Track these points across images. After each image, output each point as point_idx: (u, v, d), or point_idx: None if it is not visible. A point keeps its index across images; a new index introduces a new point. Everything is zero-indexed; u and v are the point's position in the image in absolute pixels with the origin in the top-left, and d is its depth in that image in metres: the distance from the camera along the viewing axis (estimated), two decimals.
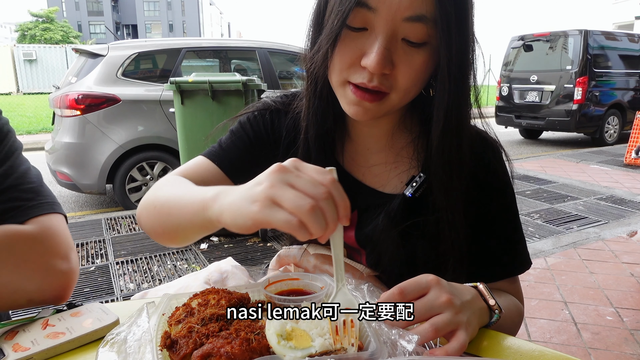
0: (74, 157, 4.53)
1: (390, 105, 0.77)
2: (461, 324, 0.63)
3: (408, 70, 0.73)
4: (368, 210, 0.89)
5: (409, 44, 0.72)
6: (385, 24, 0.70)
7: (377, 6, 0.69)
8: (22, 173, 0.84)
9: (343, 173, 0.91)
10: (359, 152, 0.92)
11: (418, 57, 0.73)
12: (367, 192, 0.90)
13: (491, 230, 0.87)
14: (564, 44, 8.81)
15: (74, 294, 2.90)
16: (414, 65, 0.73)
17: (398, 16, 0.69)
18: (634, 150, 6.76)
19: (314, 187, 0.54)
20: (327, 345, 0.55)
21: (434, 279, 0.66)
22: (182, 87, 3.47)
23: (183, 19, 64.64)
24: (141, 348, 0.56)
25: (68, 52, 24.45)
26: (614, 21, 22.09)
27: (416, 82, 0.75)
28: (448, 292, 0.64)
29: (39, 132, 11.37)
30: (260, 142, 0.95)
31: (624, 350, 2.30)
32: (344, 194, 0.56)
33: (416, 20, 0.69)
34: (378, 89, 0.74)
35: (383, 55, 0.70)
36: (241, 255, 3.55)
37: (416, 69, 0.73)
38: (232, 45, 5.66)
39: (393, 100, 0.76)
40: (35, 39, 40.14)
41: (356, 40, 0.73)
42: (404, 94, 0.76)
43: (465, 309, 0.65)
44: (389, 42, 0.71)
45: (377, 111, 0.77)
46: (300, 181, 0.54)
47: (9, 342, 0.67)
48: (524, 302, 0.92)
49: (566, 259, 3.40)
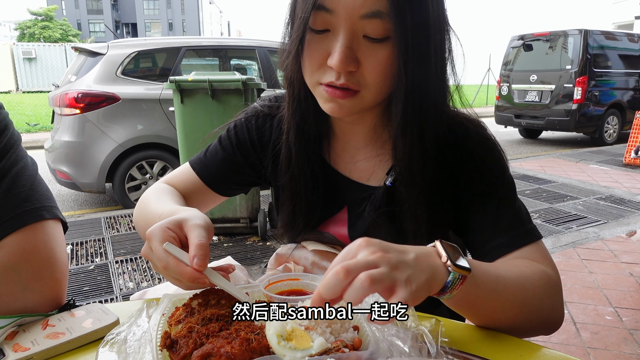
0: (73, 156, 4.53)
1: (363, 101, 0.79)
2: (399, 280, 0.55)
3: (374, 65, 0.74)
4: (356, 204, 0.92)
5: (371, 40, 0.73)
6: (344, 23, 0.72)
7: (334, 8, 0.72)
8: (13, 176, 0.80)
9: (330, 170, 0.94)
10: (344, 149, 0.94)
11: (381, 52, 0.74)
12: (354, 187, 0.92)
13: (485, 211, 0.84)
14: (563, 43, 8.81)
15: (73, 293, 2.90)
16: (379, 60, 0.74)
17: (355, 15, 0.71)
18: (633, 150, 6.76)
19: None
20: (326, 345, 0.55)
21: (361, 240, 0.59)
22: (182, 86, 3.47)
23: (183, 17, 64.55)
24: (141, 348, 0.56)
25: (67, 50, 24.43)
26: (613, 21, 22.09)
27: (384, 77, 0.76)
28: (380, 249, 0.58)
29: (38, 130, 11.37)
30: (244, 150, 0.99)
31: (623, 349, 2.30)
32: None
33: (372, 17, 0.71)
34: (346, 86, 0.75)
35: (345, 54, 0.72)
36: (240, 254, 3.55)
37: (381, 64, 0.74)
38: (232, 44, 5.65)
39: (365, 96, 0.78)
40: (34, 37, 40.10)
41: (321, 42, 0.76)
42: (375, 90, 0.77)
43: (405, 267, 0.57)
44: (350, 41, 0.73)
45: (352, 107, 0.79)
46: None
47: (9, 342, 0.67)
48: (556, 270, 0.81)
49: (565, 258, 3.40)
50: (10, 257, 0.76)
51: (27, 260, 0.77)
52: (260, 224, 3.83)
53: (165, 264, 0.64)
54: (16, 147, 0.83)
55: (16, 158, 0.82)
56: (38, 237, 0.80)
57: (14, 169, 0.81)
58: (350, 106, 0.79)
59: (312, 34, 0.76)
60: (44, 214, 0.81)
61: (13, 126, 0.85)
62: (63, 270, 0.82)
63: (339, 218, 0.94)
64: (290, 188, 0.93)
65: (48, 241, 0.81)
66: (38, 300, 0.77)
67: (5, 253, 0.76)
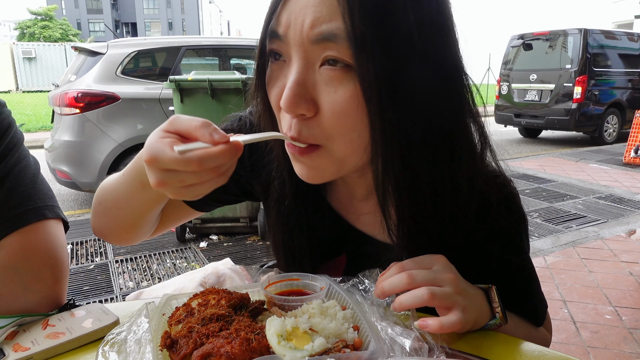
0: (73, 155, 4.53)
1: (333, 158, 0.62)
2: (458, 304, 0.60)
3: (332, 107, 0.58)
4: (359, 257, 0.81)
5: (330, 73, 0.57)
6: (295, 51, 0.58)
7: (284, 32, 0.58)
8: (16, 174, 0.80)
9: (334, 216, 0.81)
10: (347, 199, 0.80)
11: (342, 88, 0.57)
12: (358, 237, 0.80)
13: (499, 281, 0.73)
14: (563, 42, 8.81)
15: (73, 293, 2.90)
16: (339, 99, 0.57)
17: (306, 39, 0.56)
18: (633, 149, 6.76)
19: None
20: (326, 345, 0.55)
21: (441, 257, 0.64)
22: (182, 85, 3.47)
23: (182, 17, 64.50)
24: (141, 348, 0.56)
25: (67, 50, 24.39)
26: (613, 20, 22.08)
27: (350, 122, 0.58)
28: (454, 273, 0.63)
29: (38, 130, 11.36)
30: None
31: (622, 349, 2.30)
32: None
33: (325, 41, 0.55)
34: (298, 140, 0.60)
35: (293, 91, 0.57)
36: (240, 253, 3.55)
37: (342, 104, 0.57)
38: (232, 44, 5.65)
39: (333, 151, 0.61)
40: (34, 37, 40.07)
41: (280, 74, 0.62)
42: (343, 142, 0.60)
43: (467, 296, 0.62)
44: (302, 74, 0.58)
45: (323, 168, 0.63)
46: None
47: (9, 342, 0.67)
48: (551, 332, 0.86)
49: (565, 257, 3.40)
50: (11, 257, 0.76)
51: (28, 260, 0.77)
52: (260, 223, 3.83)
53: (196, 159, 0.50)
54: (19, 145, 0.83)
55: (19, 157, 0.82)
56: (39, 237, 0.79)
57: (17, 167, 0.81)
58: (317, 166, 0.63)
59: (274, 64, 0.63)
60: (46, 213, 0.81)
61: (16, 125, 0.85)
62: (64, 270, 0.82)
63: (335, 265, 0.84)
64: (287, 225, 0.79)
65: (49, 241, 0.80)
66: (38, 301, 0.77)
67: (6, 253, 0.76)
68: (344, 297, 0.66)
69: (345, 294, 0.66)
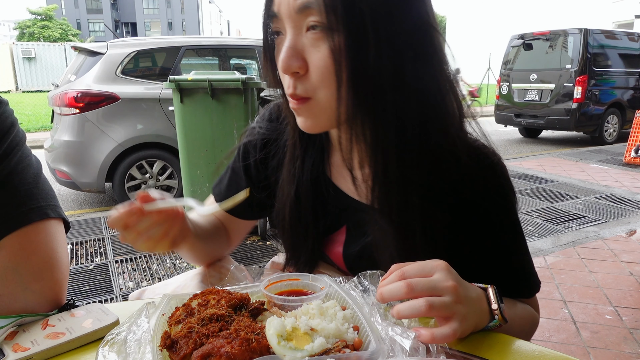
0: (73, 156, 4.52)
1: (319, 107, 0.73)
2: (458, 314, 0.61)
3: (316, 63, 0.69)
4: (355, 226, 0.86)
5: (314, 35, 0.69)
6: (287, 22, 0.71)
7: (278, 9, 0.71)
8: (18, 173, 0.80)
9: (332, 186, 0.87)
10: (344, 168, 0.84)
11: (323, 46, 0.68)
12: (356, 206, 0.85)
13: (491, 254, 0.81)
14: (563, 42, 8.81)
15: (73, 293, 2.90)
16: (322, 55, 0.68)
17: (292, 11, 0.69)
18: (633, 149, 6.76)
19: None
20: (326, 346, 0.55)
21: (443, 263, 0.65)
22: (182, 85, 3.46)
23: (182, 17, 64.50)
24: (141, 348, 0.56)
25: (67, 50, 24.39)
26: (613, 20, 22.09)
27: (329, 75, 0.69)
28: (455, 280, 0.63)
29: (38, 130, 11.36)
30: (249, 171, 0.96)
31: (623, 349, 2.30)
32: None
33: (306, 8, 0.67)
34: (295, 94, 0.72)
35: (287, 53, 0.70)
36: (240, 253, 3.55)
37: (323, 59, 0.68)
38: (232, 44, 5.64)
39: (319, 101, 0.72)
40: (34, 36, 40.08)
41: (281, 46, 0.73)
42: (325, 93, 0.71)
43: (467, 304, 0.63)
44: (293, 40, 0.70)
45: (313, 117, 0.74)
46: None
47: (9, 342, 0.67)
48: (539, 312, 0.87)
49: (565, 257, 3.40)
50: (11, 257, 0.76)
51: (28, 260, 0.77)
52: (260, 223, 3.83)
53: (123, 218, 0.71)
54: (21, 145, 0.83)
55: (21, 156, 0.82)
56: (40, 237, 0.79)
57: (19, 166, 0.81)
58: (311, 116, 0.74)
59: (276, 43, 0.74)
60: (48, 212, 0.81)
61: (18, 124, 0.85)
62: (64, 270, 0.82)
63: (336, 238, 0.90)
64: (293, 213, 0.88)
65: (49, 241, 0.80)
66: (38, 301, 0.77)
67: (7, 253, 0.76)
68: (344, 297, 0.66)
69: (345, 294, 0.66)
